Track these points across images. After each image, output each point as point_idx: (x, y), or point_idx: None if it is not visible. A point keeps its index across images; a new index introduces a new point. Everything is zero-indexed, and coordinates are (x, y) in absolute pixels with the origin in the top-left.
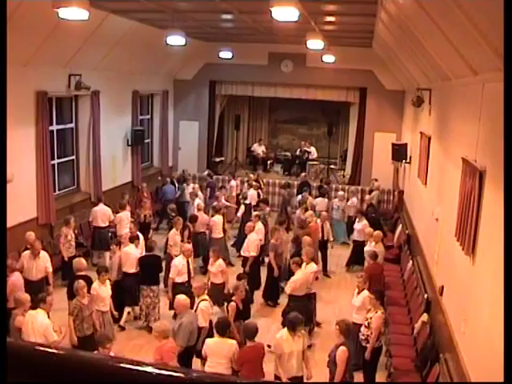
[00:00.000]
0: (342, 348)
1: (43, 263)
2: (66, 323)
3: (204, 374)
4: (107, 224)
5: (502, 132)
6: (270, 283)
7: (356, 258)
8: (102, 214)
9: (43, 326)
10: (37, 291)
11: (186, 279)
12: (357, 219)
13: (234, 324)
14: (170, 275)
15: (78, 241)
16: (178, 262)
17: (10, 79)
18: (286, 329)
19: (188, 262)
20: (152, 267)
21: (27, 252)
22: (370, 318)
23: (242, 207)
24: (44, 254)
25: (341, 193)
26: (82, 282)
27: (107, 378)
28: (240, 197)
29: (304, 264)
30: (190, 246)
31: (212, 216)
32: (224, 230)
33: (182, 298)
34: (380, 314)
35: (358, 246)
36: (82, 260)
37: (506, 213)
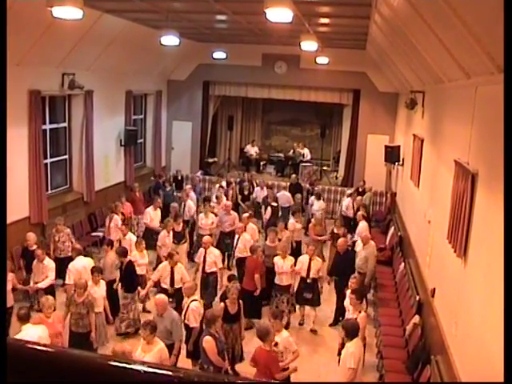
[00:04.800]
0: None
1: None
2: None
3: (192, 372)
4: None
5: (494, 135)
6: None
7: None
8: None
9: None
10: None
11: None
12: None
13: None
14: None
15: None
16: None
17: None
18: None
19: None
20: (130, 273)
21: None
22: (355, 319)
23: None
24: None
25: (349, 191)
26: (82, 282)
27: (97, 376)
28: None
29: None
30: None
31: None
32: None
33: (161, 297)
34: (364, 314)
35: None
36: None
37: (505, 216)
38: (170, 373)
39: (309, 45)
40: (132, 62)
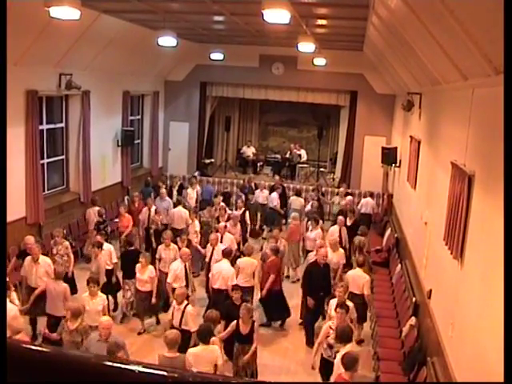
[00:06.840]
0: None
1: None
2: None
3: (186, 373)
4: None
5: (491, 137)
6: None
7: None
8: (178, 216)
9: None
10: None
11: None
12: (310, 227)
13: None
14: (168, 280)
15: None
16: (176, 267)
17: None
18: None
19: (186, 266)
20: (132, 261)
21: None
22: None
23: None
24: (44, 259)
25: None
26: (76, 307)
27: (92, 376)
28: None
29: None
30: (187, 250)
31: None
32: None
33: (106, 319)
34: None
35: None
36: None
37: (505, 217)
38: (165, 373)
39: (306, 46)
40: (129, 63)
